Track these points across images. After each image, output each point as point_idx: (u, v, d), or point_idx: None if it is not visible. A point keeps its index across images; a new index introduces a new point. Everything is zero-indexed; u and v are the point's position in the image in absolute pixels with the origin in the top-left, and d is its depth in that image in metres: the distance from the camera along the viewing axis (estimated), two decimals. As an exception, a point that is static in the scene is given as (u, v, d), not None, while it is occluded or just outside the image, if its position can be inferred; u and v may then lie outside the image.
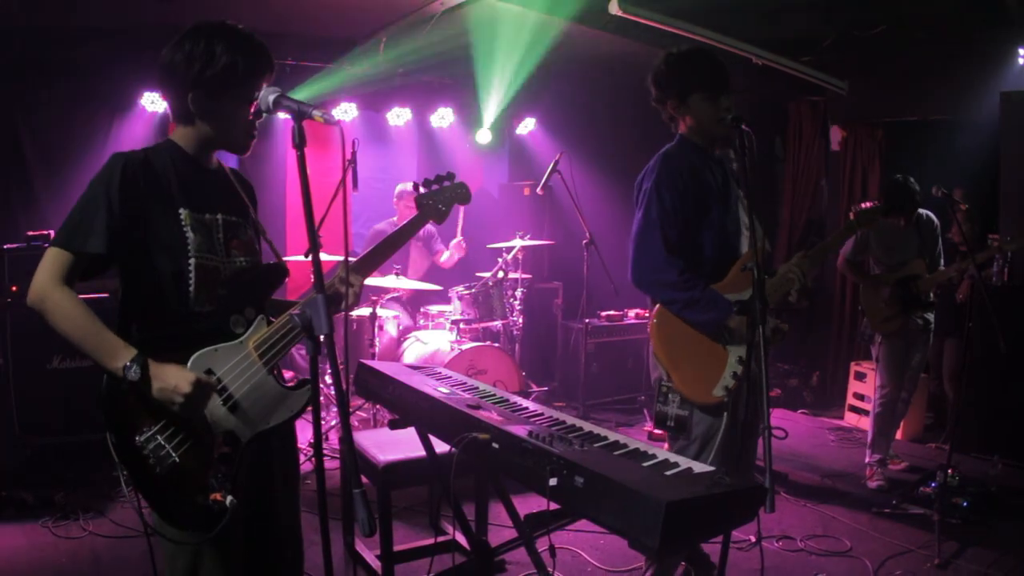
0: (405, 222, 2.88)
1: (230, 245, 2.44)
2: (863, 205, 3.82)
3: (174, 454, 2.19)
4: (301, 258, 6.16)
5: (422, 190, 2.94)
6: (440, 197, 2.96)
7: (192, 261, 2.29)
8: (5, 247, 5.31)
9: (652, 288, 3.32)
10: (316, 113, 2.04)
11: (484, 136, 8.69)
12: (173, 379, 2.15)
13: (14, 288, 5.16)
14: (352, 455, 1.93)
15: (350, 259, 2.66)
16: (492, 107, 8.34)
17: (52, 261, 2.20)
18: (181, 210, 2.32)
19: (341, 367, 4.05)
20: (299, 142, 1.99)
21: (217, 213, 2.43)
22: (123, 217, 2.21)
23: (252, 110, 2.35)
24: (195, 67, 2.28)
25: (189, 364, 2.23)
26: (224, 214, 2.45)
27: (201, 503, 2.20)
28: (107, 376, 2.17)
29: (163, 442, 2.18)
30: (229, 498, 2.21)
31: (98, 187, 2.23)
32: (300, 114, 2.04)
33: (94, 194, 2.22)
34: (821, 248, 3.70)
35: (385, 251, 2.78)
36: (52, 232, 5.30)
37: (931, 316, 5.72)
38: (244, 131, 2.41)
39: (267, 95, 2.13)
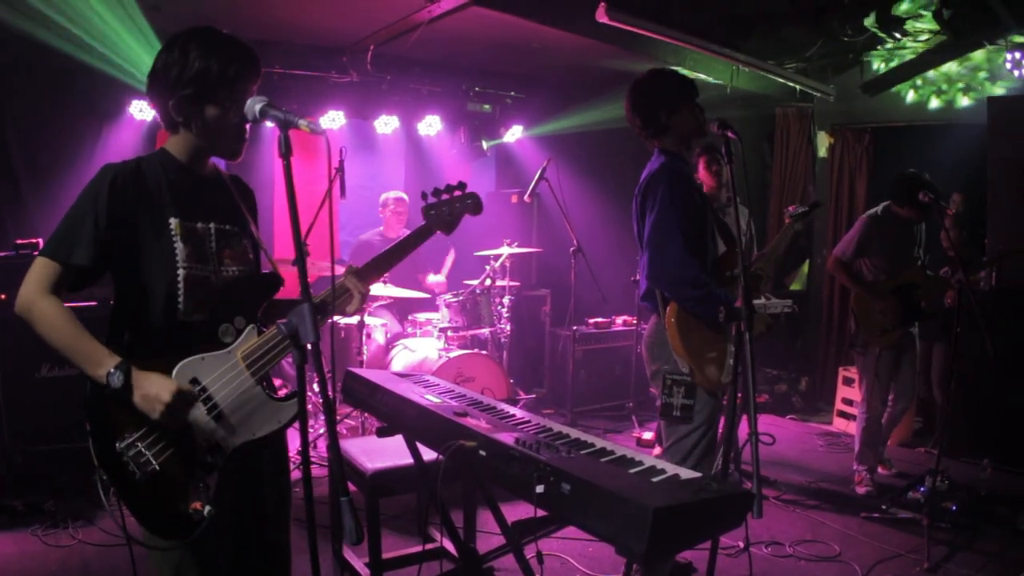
0: (411, 232, 2.81)
1: (222, 255, 2.42)
2: (791, 208, 4.11)
3: (155, 461, 2.18)
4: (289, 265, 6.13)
5: (430, 199, 2.86)
6: (449, 207, 2.88)
7: (181, 273, 2.28)
8: (-7, 255, 5.30)
9: (672, 287, 3.40)
10: (302, 122, 2.03)
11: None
12: (155, 388, 2.14)
13: (2, 296, 5.14)
14: (339, 463, 1.93)
15: (353, 266, 2.64)
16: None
17: (39, 271, 2.21)
18: (171, 220, 2.31)
19: (328, 375, 4.03)
20: (285, 152, 1.98)
21: (210, 222, 2.41)
22: (109, 230, 2.21)
23: (240, 114, 2.29)
24: (172, 73, 2.27)
25: (174, 373, 2.22)
26: (217, 223, 2.43)
27: (181, 511, 2.19)
28: (91, 382, 2.17)
29: (144, 449, 2.17)
30: (207, 508, 2.19)
31: (86, 199, 2.22)
32: (286, 123, 2.03)
33: (82, 206, 2.22)
34: (771, 251, 3.97)
35: (389, 261, 2.73)
36: (41, 240, 5.31)
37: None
38: (232, 136, 2.38)
39: (253, 104, 2.12)
